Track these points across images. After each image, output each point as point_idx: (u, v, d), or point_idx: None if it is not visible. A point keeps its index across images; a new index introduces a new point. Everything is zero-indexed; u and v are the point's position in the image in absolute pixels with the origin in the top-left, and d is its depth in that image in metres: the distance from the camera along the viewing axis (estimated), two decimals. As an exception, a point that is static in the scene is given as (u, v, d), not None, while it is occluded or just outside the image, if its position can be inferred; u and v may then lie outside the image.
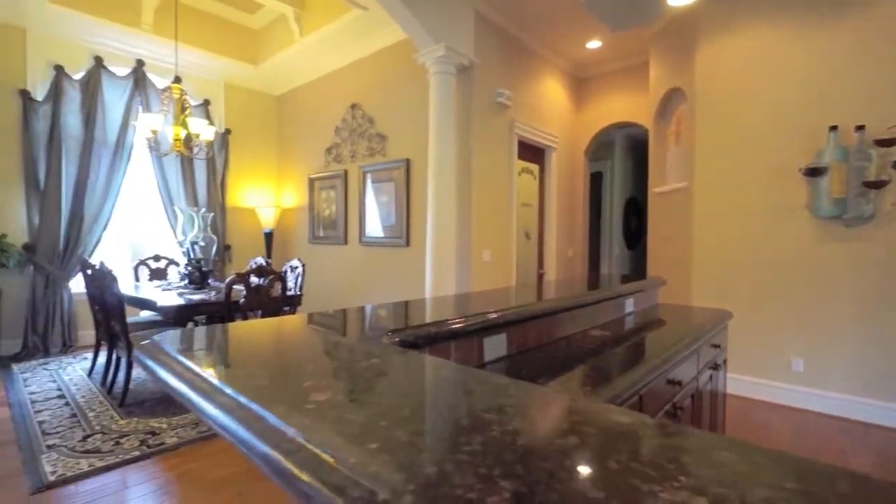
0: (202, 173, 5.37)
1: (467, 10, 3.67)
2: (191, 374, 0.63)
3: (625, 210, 6.49)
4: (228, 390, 0.55)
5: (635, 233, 6.65)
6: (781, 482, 0.38)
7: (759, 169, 3.15)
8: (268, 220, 5.78)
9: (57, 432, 2.57)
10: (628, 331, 1.75)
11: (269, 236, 5.80)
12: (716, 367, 1.92)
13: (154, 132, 3.62)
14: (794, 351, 3.06)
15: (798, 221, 3.02)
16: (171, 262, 4.68)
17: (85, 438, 2.50)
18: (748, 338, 3.19)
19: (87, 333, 4.57)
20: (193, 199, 5.26)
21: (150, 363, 0.72)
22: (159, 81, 4.99)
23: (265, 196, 6.04)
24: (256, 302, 3.03)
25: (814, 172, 2.86)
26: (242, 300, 2.97)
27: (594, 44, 4.40)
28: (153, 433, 2.58)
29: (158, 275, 4.56)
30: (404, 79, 4.32)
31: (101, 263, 3.05)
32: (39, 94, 4.31)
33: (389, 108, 4.51)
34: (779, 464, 0.40)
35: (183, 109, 3.80)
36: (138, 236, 5.11)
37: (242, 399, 0.52)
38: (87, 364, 3.91)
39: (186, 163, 5.22)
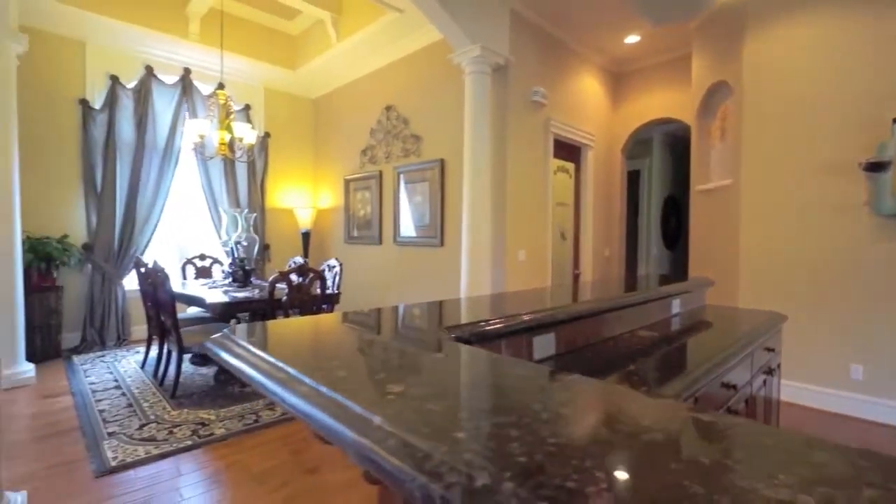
0: (243, 176, 5.57)
1: (503, 9, 3.65)
2: (267, 364, 0.66)
3: (663, 209, 6.31)
4: (307, 380, 0.57)
5: (674, 232, 6.45)
6: (888, 483, 0.36)
7: (813, 164, 2.99)
8: (305, 220, 5.93)
9: (116, 420, 2.73)
10: (676, 332, 1.71)
11: (306, 236, 5.96)
12: (770, 371, 1.84)
13: (201, 137, 3.79)
14: (852, 357, 2.89)
15: (856, 219, 2.85)
16: (216, 261, 4.87)
17: (141, 427, 2.64)
18: (802, 342, 3.03)
19: (139, 328, 4.82)
20: (235, 201, 5.46)
21: (224, 354, 0.76)
22: (204, 88, 5.21)
23: (302, 197, 6.21)
24: (298, 300, 3.12)
25: (875, 167, 2.69)
26: (284, 298, 3.06)
27: (633, 38, 4.30)
28: (203, 424, 2.70)
29: (204, 273, 4.76)
30: (439, 79, 4.34)
31: (155, 262, 3.21)
32: (97, 102, 4.58)
33: (424, 109, 4.55)
34: (883, 467, 0.39)
35: (227, 114, 3.95)
36: (184, 236, 5.35)
37: (323, 389, 0.54)
38: (140, 357, 4.13)
39: (229, 166, 5.42)
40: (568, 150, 4.57)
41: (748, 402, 1.59)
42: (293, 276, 3.07)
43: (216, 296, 3.22)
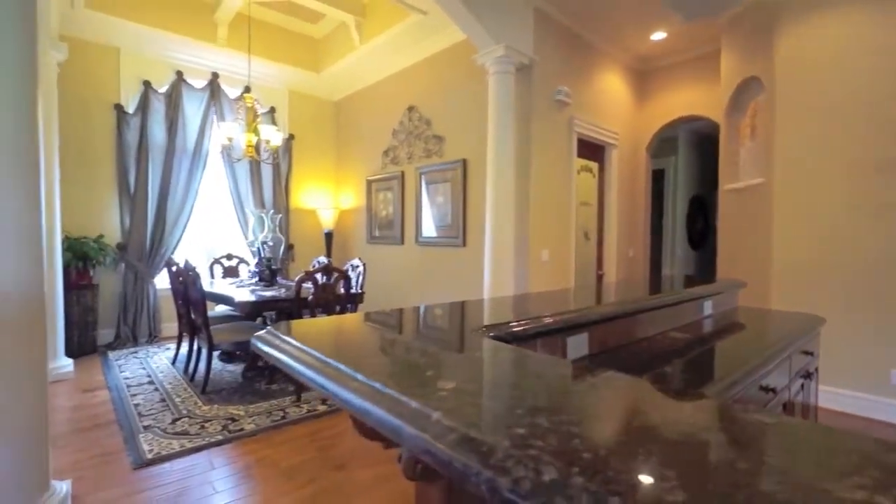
0: (268, 177, 5.68)
1: (527, 9, 3.64)
2: (316, 360, 0.68)
3: (689, 209, 6.18)
4: (360, 376, 0.59)
5: (701, 233, 6.31)
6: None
7: (850, 162, 2.89)
8: (328, 220, 6.01)
9: (150, 414, 2.82)
10: (709, 333, 1.67)
11: (328, 236, 6.04)
12: (808, 375, 1.79)
13: (230, 139, 3.88)
14: (893, 362, 2.78)
15: (897, 219, 2.74)
16: (242, 260, 4.98)
17: (174, 421, 2.72)
18: (838, 346, 2.93)
19: (169, 325, 4.96)
20: (260, 202, 5.58)
21: (271, 350, 0.78)
22: (231, 91, 5.33)
23: (325, 198, 6.30)
24: (323, 299, 3.17)
25: (918, 165, 2.59)
26: (310, 297, 3.11)
27: (659, 35, 4.22)
28: (233, 419, 2.77)
29: (230, 273, 4.87)
30: (461, 80, 4.35)
31: (186, 262, 3.31)
32: (131, 107, 4.74)
33: (446, 110, 4.56)
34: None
35: (254, 117, 4.04)
36: (211, 237, 5.48)
37: (377, 385, 0.56)
38: (171, 353, 4.25)
39: (255, 167, 5.54)
40: (591, 150, 4.52)
41: (786, 406, 1.54)
42: (318, 276, 3.12)
43: (244, 295, 3.30)
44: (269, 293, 3.40)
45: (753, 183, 3.48)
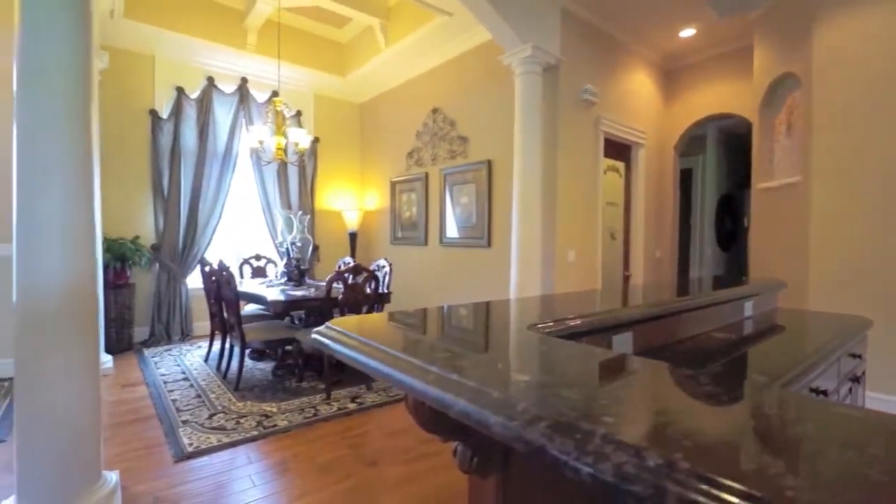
0: (295, 179, 5.79)
1: (554, 9, 3.63)
2: (384, 354, 0.70)
3: (718, 209, 6.04)
4: (434, 368, 0.60)
5: (730, 233, 6.17)
6: None
7: (894, 159, 2.79)
8: (352, 221, 6.09)
9: (187, 409, 2.91)
10: (752, 334, 1.64)
11: (353, 237, 6.12)
12: (856, 379, 1.74)
13: (261, 142, 3.98)
14: (941, 366, 2.67)
15: (946, 218, 2.63)
16: (270, 261, 5.09)
17: (211, 416, 2.80)
18: (883, 350, 2.83)
19: (200, 325, 5.10)
20: (287, 204, 5.69)
21: (334, 345, 0.81)
22: (259, 96, 5.46)
23: (349, 199, 6.38)
24: (352, 299, 3.22)
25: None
26: (340, 297, 3.16)
27: (688, 32, 4.16)
28: (266, 416, 2.83)
29: (259, 273, 4.98)
30: (486, 81, 4.36)
31: (221, 262, 3.40)
32: (164, 112, 4.90)
33: (471, 111, 4.58)
34: None
35: (284, 120, 4.13)
36: (239, 238, 5.61)
37: (454, 376, 0.57)
38: (203, 351, 4.37)
39: (282, 170, 5.65)
40: (618, 149, 4.47)
41: (834, 409, 1.50)
42: (348, 276, 3.17)
43: (276, 294, 3.37)
44: (299, 293, 3.46)
45: (789, 182, 3.39)
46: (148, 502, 1.96)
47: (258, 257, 5.05)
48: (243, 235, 5.63)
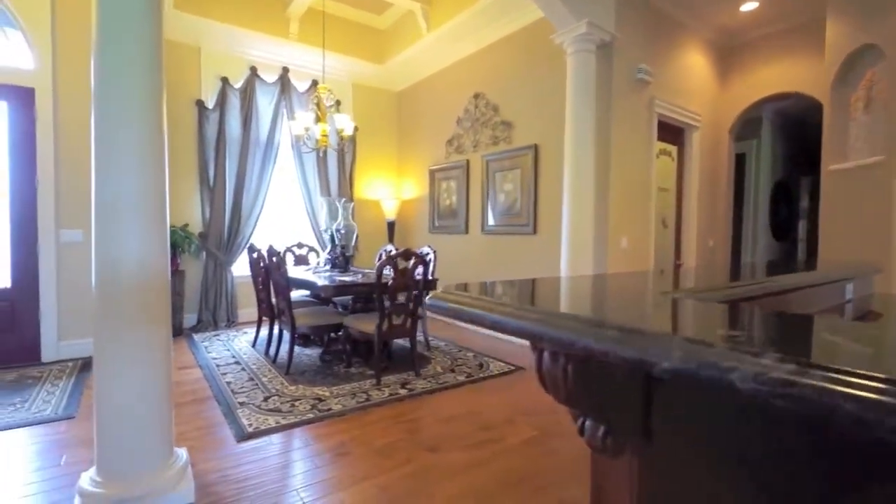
0: (334, 168, 5.80)
1: (609, -18, 3.47)
2: (551, 315, 0.63)
3: (772, 196, 5.73)
4: (612, 329, 0.53)
5: (785, 222, 5.84)
6: None
7: None
8: (390, 211, 6.07)
9: (243, 392, 2.94)
10: (859, 317, 1.51)
11: (391, 226, 6.10)
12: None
13: (307, 129, 3.99)
14: None
15: None
16: (311, 249, 5.12)
17: (266, 399, 2.82)
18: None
19: (245, 311, 5.19)
20: (327, 192, 5.71)
21: (474, 310, 0.74)
22: (299, 85, 5.48)
23: (387, 188, 6.37)
24: (402, 284, 3.18)
25: None
26: (390, 282, 3.13)
27: (750, 6, 3.91)
28: (319, 399, 2.83)
29: (301, 260, 5.02)
30: (531, 64, 4.23)
31: (270, 247, 3.42)
32: (210, 102, 4.98)
33: (515, 95, 4.46)
34: None
35: (328, 108, 4.12)
36: (281, 225, 5.68)
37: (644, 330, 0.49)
38: (250, 337, 4.44)
39: (322, 159, 5.68)
40: (671, 132, 4.27)
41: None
42: (400, 261, 3.13)
43: (325, 280, 3.36)
44: (347, 278, 3.45)
45: (866, 162, 3.14)
46: (216, 479, 1.97)
47: (300, 245, 5.09)
48: (285, 224, 5.69)
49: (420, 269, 3.28)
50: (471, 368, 3.55)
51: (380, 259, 4.90)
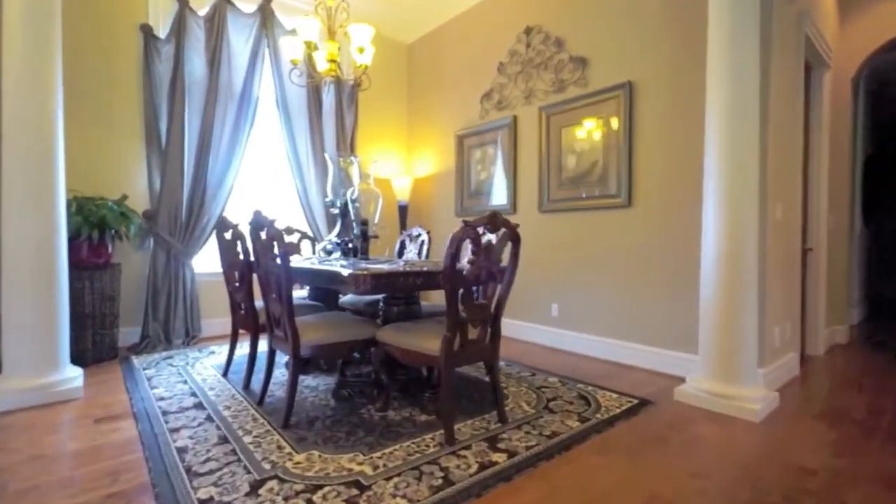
0: (331, 130, 4.46)
1: None
2: None
3: (864, 173, 4.76)
4: None
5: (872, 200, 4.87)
6: None
7: None
8: (403, 191, 4.77)
9: (209, 471, 1.58)
10: None
11: (402, 210, 4.79)
12: None
13: (313, 46, 2.68)
14: None
15: None
16: (305, 235, 3.75)
17: (255, 489, 1.47)
18: None
19: (212, 322, 3.78)
20: (323, 161, 4.36)
21: None
22: (286, 22, 4.14)
23: (395, 164, 5.06)
24: (485, 270, 1.90)
25: None
26: (467, 268, 1.85)
27: None
28: (357, 483, 1.51)
29: (291, 250, 3.64)
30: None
31: (258, 213, 2.08)
32: (162, 30, 3.57)
33: (589, 21, 3.28)
34: None
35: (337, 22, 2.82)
36: (261, 205, 4.27)
37: None
38: (220, 359, 3.05)
39: (315, 121, 4.33)
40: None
41: None
42: (483, 232, 1.85)
43: (351, 268, 2.04)
44: (384, 266, 2.13)
45: None
46: None
47: (289, 230, 3.71)
48: (267, 204, 4.29)
49: (508, 249, 2.01)
50: (573, 405, 2.30)
51: (401, 246, 3.60)
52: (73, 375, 2.41)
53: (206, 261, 3.79)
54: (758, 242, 2.27)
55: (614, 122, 3.13)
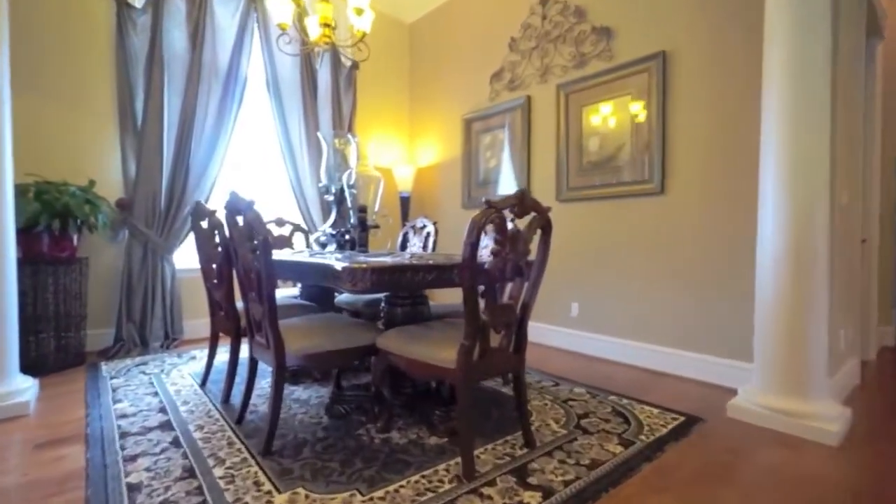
0: (326, 112, 4.10)
1: None
2: None
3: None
4: None
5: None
6: None
7: None
8: (405, 181, 4.41)
9: (163, 522, 1.23)
10: None
11: (405, 202, 4.44)
12: None
13: (283, 27, 2.33)
14: None
15: None
16: (297, 227, 3.39)
17: (220, 548, 1.12)
18: None
19: (195, 324, 3.43)
20: (317, 145, 4.00)
21: None
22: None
23: (395, 152, 4.71)
24: (513, 264, 1.55)
25: None
26: (488, 259, 1.49)
27: None
28: (353, 539, 1.15)
29: (282, 243, 3.29)
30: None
31: (234, 194, 1.72)
32: (138, 0, 3.21)
33: (619, -16, 2.92)
34: None
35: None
36: (249, 194, 3.91)
37: None
38: (198, 367, 2.70)
39: (309, 103, 3.97)
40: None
41: None
42: (508, 218, 1.50)
43: (346, 262, 1.68)
44: (386, 259, 1.78)
45: None
46: None
47: (280, 222, 3.36)
48: (256, 193, 3.92)
49: (543, 237, 1.66)
50: (609, 422, 1.95)
51: (403, 239, 3.25)
52: (23, 387, 2.06)
53: (189, 255, 3.43)
54: (829, 234, 1.92)
55: (644, 99, 2.77)
